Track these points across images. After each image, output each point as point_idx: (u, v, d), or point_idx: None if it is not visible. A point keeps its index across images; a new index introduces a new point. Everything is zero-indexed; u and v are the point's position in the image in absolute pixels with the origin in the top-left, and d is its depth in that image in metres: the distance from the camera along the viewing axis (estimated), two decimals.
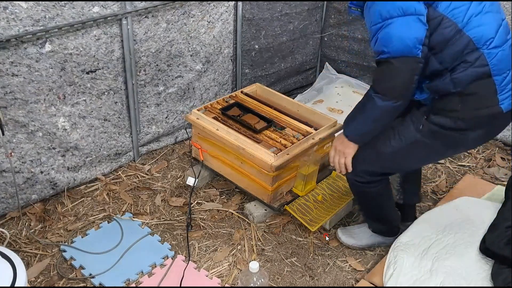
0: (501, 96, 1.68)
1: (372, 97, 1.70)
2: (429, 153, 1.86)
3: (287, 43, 3.29)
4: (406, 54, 1.60)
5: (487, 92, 1.68)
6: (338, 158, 1.91)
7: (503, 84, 1.68)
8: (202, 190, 2.60)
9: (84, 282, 2.04)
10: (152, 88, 2.67)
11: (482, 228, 2.11)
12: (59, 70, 2.20)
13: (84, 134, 2.44)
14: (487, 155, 2.97)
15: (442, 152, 1.90)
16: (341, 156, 1.90)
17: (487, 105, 1.69)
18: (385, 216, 2.18)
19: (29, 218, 2.33)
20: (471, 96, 1.68)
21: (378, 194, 2.04)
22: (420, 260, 2.02)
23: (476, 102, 1.69)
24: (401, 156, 1.87)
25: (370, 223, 2.23)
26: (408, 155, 1.87)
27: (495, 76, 1.66)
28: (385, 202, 2.11)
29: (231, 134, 2.36)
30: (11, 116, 2.13)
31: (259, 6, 2.98)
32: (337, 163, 1.93)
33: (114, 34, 2.32)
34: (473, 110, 1.70)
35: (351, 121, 1.84)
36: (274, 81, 3.41)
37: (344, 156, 1.89)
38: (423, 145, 1.81)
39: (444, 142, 1.79)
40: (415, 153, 1.85)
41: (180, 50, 2.68)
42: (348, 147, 1.87)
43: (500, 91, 1.68)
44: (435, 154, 1.90)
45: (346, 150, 1.88)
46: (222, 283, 2.08)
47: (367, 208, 2.17)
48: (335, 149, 1.93)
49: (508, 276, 1.86)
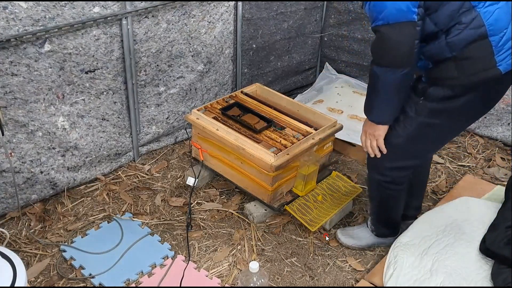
0: (498, 57, 1.62)
1: (377, 74, 1.65)
2: (440, 132, 1.84)
3: (281, 41, 3.29)
4: (401, 20, 1.55)
5: (484, 54, 1.62)
6: (370, 142, 1.88)
7: (500, 44, 1.61)
8: (202, 190, 2.60)
9: (84, 282, 2.04)
10: (152, 88, 2.67)
11: (482, 228, 2.11)
12: (58, 69, 2.20)
13: (83, 133, 2.44)
14: (487, 155, 2.97)
15: (453, 126, 1.86)
16: (373, 139, 1.86)
17: (484, 68, 1.63)
18: (394, 221, 2.20)
19: (29, 218, 2.33)
20: (467, 61, 1.63)
21: (397, 197, 2.06)
22: (420, 260, 2.02)
23: (473, 66, 1.63)
24: (413, 143, 1.85)
25: (377, 227, 2.22)
26: (419, 140, 1.85)
27: (491, 36, 1.60)
28: (399, 207, 2.14)
29: (231, 134, 2.36)
30: (11, 116, 2.13)
31: (257, 6, 2.99)
32: (370, 147, 1.89)
33: (113, 34, 2.32)
34: (470, 76, 1.64)
35: (369, 106, 1.81)
36: (272, 80, 3.40)
37: (375, 139, 1.85)
38: (430, 126, 1.79)
39: (449, 115, 1.76)
40: (425, 135, 1.84)
41: (181, 51, 2.68)
42: (378, 129, 1.83)
43: (497, 52, 1.61)
44: (447, 130, 1.87)
45: (376, 132, 1.84)
46: (222, 283, 2.08)
47: (381, 211, 2.16)
48: (365, 133, 1.89)
49: (508, 276, 1.86)
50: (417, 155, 1.97)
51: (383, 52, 1.63)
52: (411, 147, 1.88)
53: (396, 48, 1.60)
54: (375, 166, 1.99)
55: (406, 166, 1.96)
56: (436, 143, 1.99)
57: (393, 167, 1.94)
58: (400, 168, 1.95)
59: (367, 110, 1.83)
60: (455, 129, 1.93)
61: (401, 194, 2.08)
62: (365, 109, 1.84)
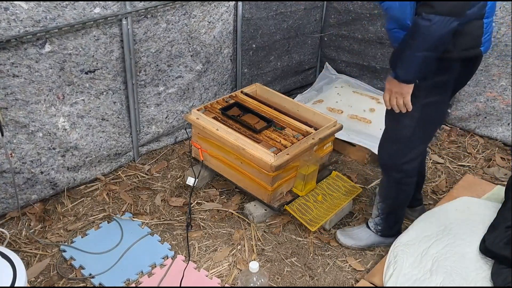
0: (483, 39, 1.74)
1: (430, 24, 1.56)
2: (440, 108, 1.92)
3: (281, 41, 3.29)
4: None
5: (477, 33, 1.72)
6: (396, 100, 1.80)
7: (487, 27, 1.73)
8: (202, 190, 2.60)
9: (84, 282, 2.04)
10: (152, 88, 2.67)
11: (482, 228, 2.11)
12: (58, 70, 2.20)
13: (83, 133, 2.44)
14: (487, 155, 2.97)
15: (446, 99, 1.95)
16: (399, 97, 1.79)
17: (473, 46, 1.74)
18: (400, 219, 2.23)
19: (29, 218, 2.33)
20: (463, 37, 1.70)
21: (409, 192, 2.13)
22: (420, 260, 2.02)
23: (466, 42, 1.71)
24: (423, 127, 1.90)
25: (384, 227, 2.23)
26: (427, 122, 1.90)
27: (485, 18, 1.71)
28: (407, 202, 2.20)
29: (231, 134, 2.36)
30: (12, 117, 2.13)
31: (257, 6, 2.99)
32: (395, 105, 1.82)
33: (113, 34, 2.32)
34: (462, 51, 1.72)
35: (399, 60, 1.71)
36: (271, 80, 3.40)
37: (402, 97, 1.78)
38: (431, 104, 1.85)
39: (442, 89, 1.85)
40: (430, 116, 1.89)
41: (180, 51, 2.68)
42: (405, 87, 1.76)
43: (484, 33, 1.73)
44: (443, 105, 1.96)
45: (403, 90, 1.76)
46: (222, 283, 2.08)
47: (391, 210, 2.18)
48: (390, 91, 1.81)
49: (508, 276, 1.86)
50: (426, 139, 2.03)
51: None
52: (421, 133, 1.93)
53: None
54: (393, 165, 2.03)
55: (417, 154, 2.00)
56: (439, 120, 2.06)
57: (408, 160, 1.99)
58: (414, 159, 2.00)
59: (395, 66, 1.73)
60: (447, 103, 2.01)
61: (412, 187, 2.13)
62: (393, 66, 1.75)
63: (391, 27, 1.78)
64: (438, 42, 1.62)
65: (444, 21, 1.56)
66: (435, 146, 3.04)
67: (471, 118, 3.13)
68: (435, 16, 1.55)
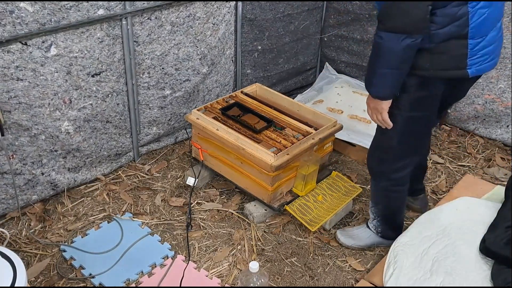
0: (470, 61, 1.66)
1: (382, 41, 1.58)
2: (424, 122, 1.91)
3: (290, 43, 3.29)
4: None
5: (458, 53, 1.65)
6: (375, 116, 1.86)
7: (475, 48, 1.65)
8: (202, 190, 2.60)
9: (84, 282, 2.04)
10: (156, 91, 2.66)
11: (482, 228, 2.11)
12: (65, 74, 2.20)
13: (86, 136, 2.44)
14: (487, 155, 2.97)
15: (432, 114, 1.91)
16: (377, 114, 1.84)
17: (454, 68, 1.67)
18: (399, 222, 2.23)
19: (29, 218, 2.34)
20: (441, 56, 1.65)
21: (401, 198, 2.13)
22: (420, 260, 2.02)
23: (445, 62, 1.67)
24: (406, 139, 1.90)
25: (382, 229, 2.23)
26: (410, 134, 1.90)
27: (470, 39, 1.63)
28: (403, 207, 2.21)
29: (231, 134, 2.36)
30: (15, 120, 2.13)
31: (261, 7, 2.98)
32: (376, 120, 1.88)
33: (116, 35, 2.32)
34: (440, 71, 1.68)
35: (369, 79, 1.74)
36: (276, 82, 3.41)
37: (379, 112, 1.82)
38: (414, 119, 1.84)
39: (426, 104, 1.81)
40: (413, 129, 1.89)
41: (188, 54, 2.67)
42: (380, 103, 1.79)
43: (471, 55, 1.65)
44: (428, 119, 1.92)
45: (379, 106, 1.80)
46: (222, 283, 2.08)
47: (386, 214, 2.18)
48: (369, 107, 1.86)
49: (508, 276, 1.86)
50: (412, 150, 2.01)
51: (395, 14, 1.54)
52: (406, 144, 1.92)
53: (408, 11, 1.52)
54: (380, 173, 2.05)
55: (407, 163, 2.00)
56: (424, 134, 2.05)
57: (397, 168, 1.99)
58: (403, 168, 2.00)
59: (367, 83, 1.77)
60: (432, 119, 1.97)
61: (404, 194, 2.14)
62: (365, 82, 1.78)
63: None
64: (394, 59, 1.61)
65: (395, 38, 1.55)
66: (435, 146, 3.04)
67: (470, 120, 3.13)
68: (385, 33, 1.56)
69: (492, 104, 2.99)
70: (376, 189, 2.14)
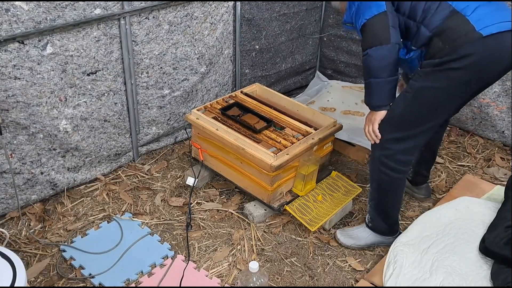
0: (477, 24, 1.77)
1: (364, 56, 1.94)
2: (437, 96, 1.90)
3: (286, 43, 3.30)
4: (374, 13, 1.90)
5: (459, 23, 1.80)
6: (368, 128, 2.05)
7: (473, 14, 1.79)
8: (202, 190, 2.60)
9: (84, 282, 2.04)
10: (155, 91, 2.66)
11: (482, 228, 2.11)
12: (60, 72, 2.20)
13: (85, 135, 2.43)
14: (487, 155, 2.98)
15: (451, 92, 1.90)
16: (369, 124, 2.03)
17: (464, 33, 1.78)
18: (392, 215, 2.19)
19: (29, 218, 2.33)
20: (447, 32, 1.82)
21: (397, 185, 2.10)
22: (420, 260, 2.02)
23: (453, 34, 1.81)
24: (413, 109, 1.94)
25: (374, 219, 2.20)
26: (419, 105, 1.93)
27: (462, 10, 1.80)
28: (398, 198, 2.17)
29: (231, 134, 2.36)
30: (12, 119, 2.13)
31: (258, 6, 2.98)
32: (367, 132, 2.05)
33: (113, 35, 2.32)
34: (453, 42, 1.80)
35: (367, 92, 2.01)
36: (274, 81, 3.41)
37: (371, 123, 2.02)
38: (427, 89, 1.89)
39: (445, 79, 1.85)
40: (422, 101, 1.91)
41: (186, 53, 2.67)
42: (375, 114, 2.01)
43: (474, 20, 1.78)
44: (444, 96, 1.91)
45: (373, 117, 2.02)
46: (222, 283, 2.08)
47: (380, 201, 2.15)
48: (365, 120, 2.08)
49: (508, 276, 1.86)
50: (415, 125, 1.97)
51: (367, 37, 1.94)
52: (412, 117, 1.95)
53: (373, 31, 1.92)
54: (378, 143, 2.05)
55: (405, 136, 1.97)
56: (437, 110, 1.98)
57: (393, 138, 1.98)
58: (398, 140, 1.98)
59: (366, 97, 2.03)
60: (452, 96, 1.93)
61: (401, 184, 2.11)
62: (365, 98, 2.04)
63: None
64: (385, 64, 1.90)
65: (374, 50, 1.90)
66: None
67: (468, 120, 3.13)
68: (369, 49, 1.92)
69: (487, 108, 2.99)
70: (371, 160, 2.10)
